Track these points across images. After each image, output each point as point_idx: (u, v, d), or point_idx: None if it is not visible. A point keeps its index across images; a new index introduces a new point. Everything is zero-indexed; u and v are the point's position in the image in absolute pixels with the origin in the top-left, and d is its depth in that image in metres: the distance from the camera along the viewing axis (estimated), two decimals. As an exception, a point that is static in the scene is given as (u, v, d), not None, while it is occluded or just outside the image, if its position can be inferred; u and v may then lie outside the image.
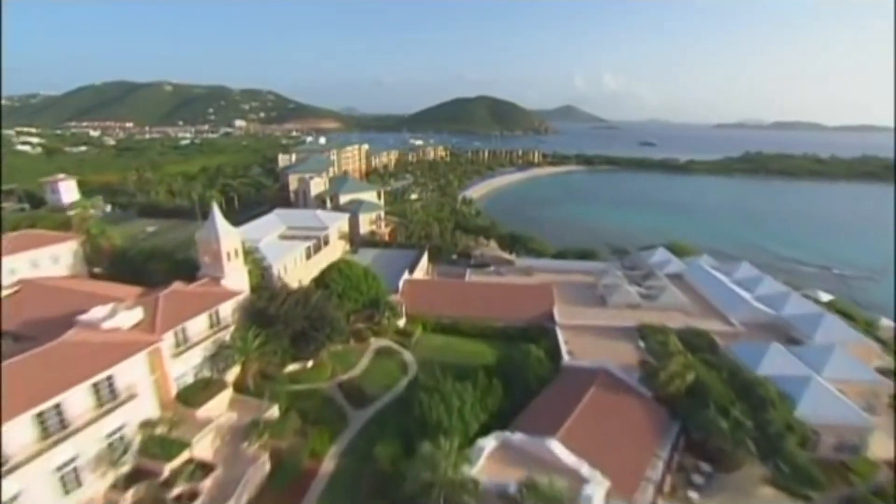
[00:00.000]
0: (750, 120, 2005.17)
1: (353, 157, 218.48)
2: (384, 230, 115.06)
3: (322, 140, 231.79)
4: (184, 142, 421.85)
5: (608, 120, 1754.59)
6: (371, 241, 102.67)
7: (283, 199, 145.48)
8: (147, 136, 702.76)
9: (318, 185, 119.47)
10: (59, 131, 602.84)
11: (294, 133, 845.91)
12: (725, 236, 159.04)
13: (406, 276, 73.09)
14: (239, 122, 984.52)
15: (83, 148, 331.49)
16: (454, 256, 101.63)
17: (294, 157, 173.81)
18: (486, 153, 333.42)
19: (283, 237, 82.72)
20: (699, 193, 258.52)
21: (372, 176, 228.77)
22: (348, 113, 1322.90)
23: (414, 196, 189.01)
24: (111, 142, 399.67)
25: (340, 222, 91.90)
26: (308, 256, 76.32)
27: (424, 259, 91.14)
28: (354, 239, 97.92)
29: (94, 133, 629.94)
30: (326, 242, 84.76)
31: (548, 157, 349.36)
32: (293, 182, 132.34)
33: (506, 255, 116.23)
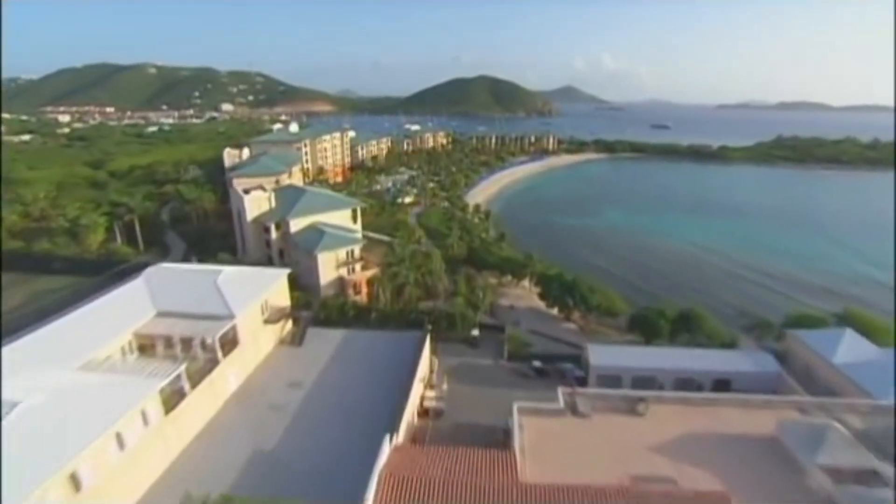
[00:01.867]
0: (754, 100, 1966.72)
1: (332, 149, 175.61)
2: (360, 275, 73.71)
3: (294, 127, 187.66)
4: (151, 129, 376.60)
5: (609, 101, 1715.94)
6: (335, 308, 61.25)
7: (224, 218, 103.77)
8: (125, 121, 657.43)
9: (257, 204, 77.54)
10: (24, 117, 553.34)
11: (283, 117, 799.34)
12: (823, 263, 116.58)
13: (386, 446, 31.47)
14: (226, 106, 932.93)
15: (26, 137, 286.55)
16: (475, 332, 60.38)
17: (246, 152, 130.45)
18: (494, 139, 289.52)
19: (141, 339, 41.39)
20: (751, 189, 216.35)
21: (357, 173, 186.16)
22: (345, 95, 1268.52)
23: (409, 199, 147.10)
24: (66, 130, 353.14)
25: (268, 293, 50.08)
26: (171, 406, 34.90)
27: (425, 352, 50.00)
28: (302, 315, 56.10)
29: (63, 119, 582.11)
30: (234, 343, 43.38)
31: (563, 144, 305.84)
32: (233, 194, 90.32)
33: (554, 315, 75.51)
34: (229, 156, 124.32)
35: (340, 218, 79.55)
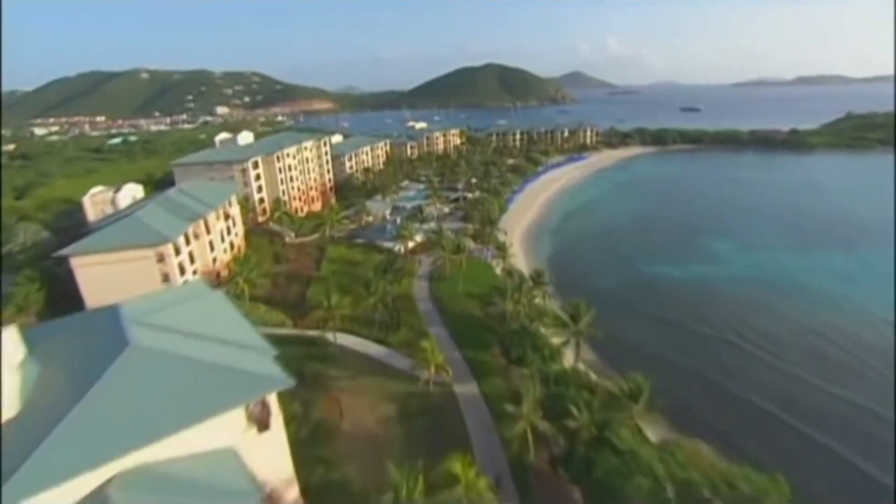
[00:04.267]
0: (770, 77, 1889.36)
1: (301, 165, 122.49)
2: None
3: (245, 137, 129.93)
4: (114, 140, 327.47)
5: (618, 85, 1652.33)
6: None
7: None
8: (114, 130, 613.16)
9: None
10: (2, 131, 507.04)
11: (279, 118, 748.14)
12: None
13: None
14: (220, 109, 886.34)
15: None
16: None
17: (126, 193, 76.74)
18: (518, 136, 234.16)
19: None
20: (879, 190, 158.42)
21: (340, 196, 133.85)
22: (348, 92, 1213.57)
23: (415, 242, 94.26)
24: (10, 147, 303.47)
25: None
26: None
27: None
28: None
29: (40, 131, 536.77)
30: None
31: (601, 136, 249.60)
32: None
33: None
34: (93, 204, 71.40)
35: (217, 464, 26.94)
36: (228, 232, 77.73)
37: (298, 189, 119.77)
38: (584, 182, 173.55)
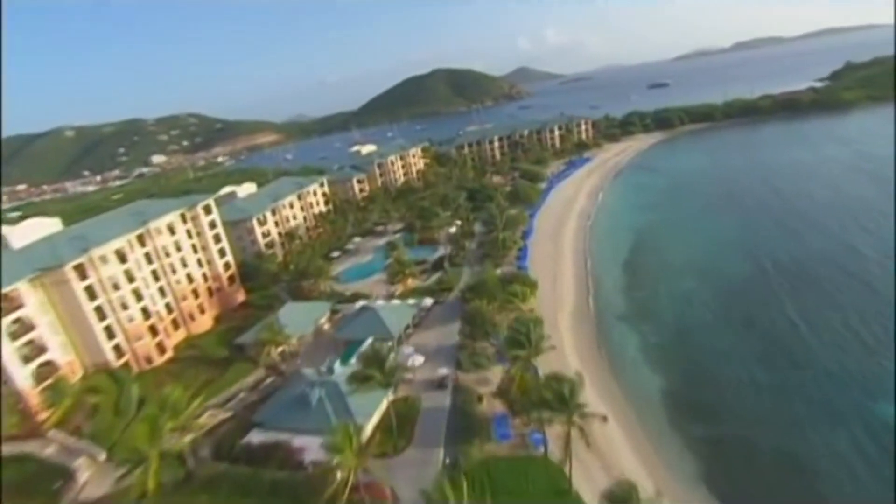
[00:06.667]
0: (709, 46, 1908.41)
1: (150, 268, 66.83)
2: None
3: (33, 231, 71.20)
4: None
5: (564, 74, 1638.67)
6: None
7: None
8: (34, 198, 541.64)
9: None
10: None
11: (219, 159, 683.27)
12: None
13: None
14: (156, 158, 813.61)
15: None
16: None
17: None
18: (497, 143, 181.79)
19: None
20: None
21: (248, 291, 79.20)
22: (297, 120, 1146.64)
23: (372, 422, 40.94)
24: None
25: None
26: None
27: None
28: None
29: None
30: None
31: (599, 129, 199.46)
32: None
33: None
34: None
35: None
36: None
37: (146, 312, 63.62)
38: (612, 197, 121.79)
